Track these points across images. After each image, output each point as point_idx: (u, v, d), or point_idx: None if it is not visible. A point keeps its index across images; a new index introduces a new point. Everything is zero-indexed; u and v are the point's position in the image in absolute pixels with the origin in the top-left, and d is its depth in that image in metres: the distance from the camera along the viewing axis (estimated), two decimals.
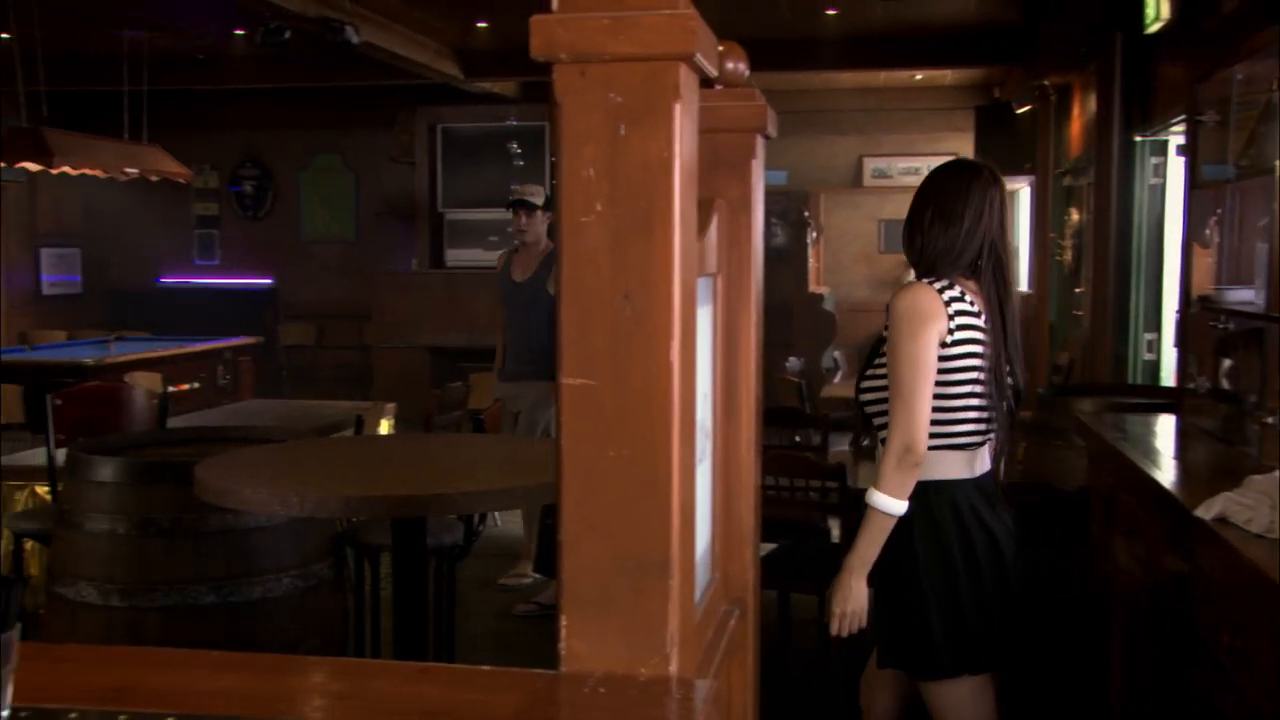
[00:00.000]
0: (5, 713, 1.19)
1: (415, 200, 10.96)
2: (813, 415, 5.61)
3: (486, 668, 1.33)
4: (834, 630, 2.53)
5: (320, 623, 3.27)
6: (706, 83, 1.49)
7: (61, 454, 4.18)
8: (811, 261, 11.01)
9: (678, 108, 1.26)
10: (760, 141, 1.94)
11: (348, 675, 1.35)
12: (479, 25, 8.48)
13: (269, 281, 11.95)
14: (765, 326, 2.00)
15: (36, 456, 5.05)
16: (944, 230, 2.59)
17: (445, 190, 10.78)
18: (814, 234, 11.06)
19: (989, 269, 2.51)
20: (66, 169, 7.61)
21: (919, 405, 2.44)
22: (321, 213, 11.88)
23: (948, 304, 2.49)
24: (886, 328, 2.58)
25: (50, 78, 8.16)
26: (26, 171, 8.01)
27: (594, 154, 1.27)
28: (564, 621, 1.31)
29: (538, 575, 5.28)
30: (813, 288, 10.85)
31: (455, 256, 10.83)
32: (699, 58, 1.27)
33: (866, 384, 2.70)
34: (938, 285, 2.53)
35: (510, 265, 5.60)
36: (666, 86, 1.25)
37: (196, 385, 8.29)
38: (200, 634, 3.04)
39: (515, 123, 10.51)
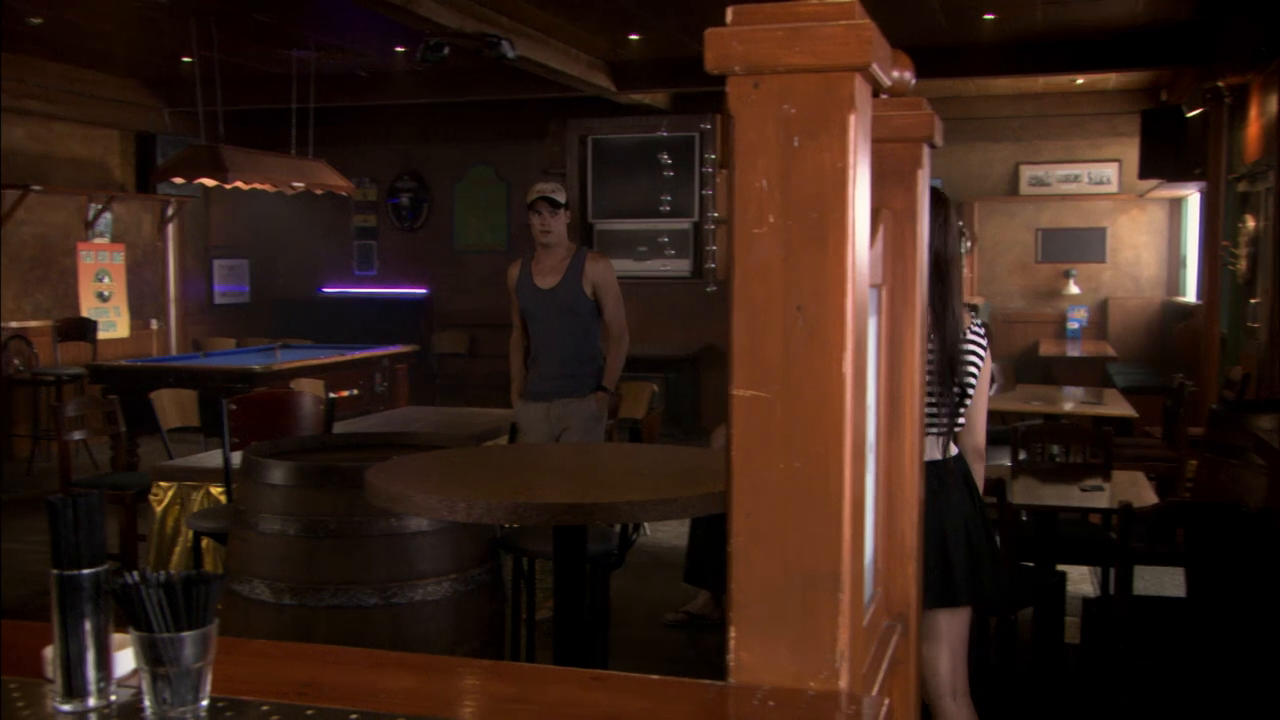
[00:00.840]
0: (205, 701, 1.25)
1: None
2: None
3: (657, 677, 1.34)
4: None
5: (477, 626, 3.33)
6: (873, 91, 1.47)
7: (235, 457, 4.38)
8: (966, 271, 10.78)
9: (852, 119, 1.25)
10: (927, 151, 1.91)
11: (521, 679, 1.38)
12: (631, 38, 8.57)
13: (424, 291, 12.27)
14: None
15: (211, 459, 5.30)
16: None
17: (595, 201, 10.91)
18: (968, 243, 10.83)
19: (934, 279, 2.67)
20: (239, 184, 7.96)
21: (976, 414, 2.91)
22: (475, 223, 12.15)
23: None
24: None
25: (226, 98, 8.56)
26: (203, 187, 8.40)
27: (767, 166, 1.27)
28: (733, 633, 1.31)
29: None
30: (967, 298, 10.62)
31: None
32: (875, 68, 1.26)
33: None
34: None
35: (528, 272, 5.07)
36: (841, 98, 1.24)
37: (355, 392, 8.55)
38: (364, 634, 3.13)
39: (665, 134, 10.58)
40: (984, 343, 2.88)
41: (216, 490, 5.12)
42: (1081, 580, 5.47)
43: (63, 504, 1.27)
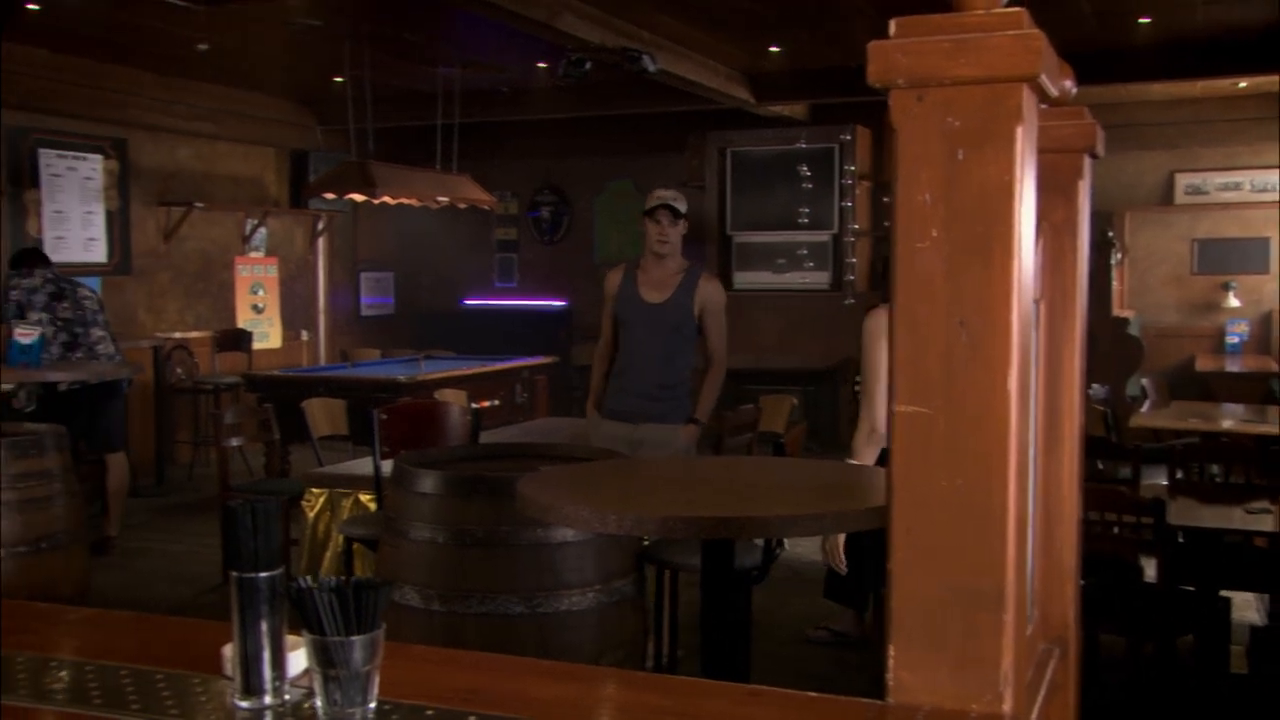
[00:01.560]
0: (373, 704, 1.29)
1: (704, 223, 11.14)
2: (1121, 446, 5.30)
3: (814, 694, 1.33)
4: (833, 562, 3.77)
5: (620, 637, 3.35)
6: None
7: (385, 465, 4.50)
8: (1115, 284, 10.45)
9: (1019, 131, 1.23)
10: (1088, 162, 1.86)
11: (678, 693, 1.38)
12: (771, 50, 8.55)
13: (563, 303, 12.42)
14: None
15: (360, 466, 5.45)
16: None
17: (734, 213, 10.90)
18: (1118, 255, 10.49)
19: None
20: (387, 199, 8.19)
21: (879, 399, 3.68)
22: (614, 236, 12.27)
23: None
24: None
25: (375, 115, 8.83)
26: (352, 202, 8.67)
27: (930, 178, 1.26)
28: (892, 651, 1.29)
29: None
30: (1117, 311, 10.29)
31: (743, 279, 10.92)
32: (1043, 78, 1.24)
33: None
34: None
35: (632, 282, 4.79)
36: (1008, 109, 1.22)
37: (496, 403, 8.70)
38: (510, 642, 3.18)
39: (805, 145, 10.51)
40: None
41: (365, 497, 5.26)
42: (1246, 607, 5.23)
43: (242, 510, 1.33)
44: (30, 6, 7.09)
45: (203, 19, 7.03)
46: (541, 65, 9.04)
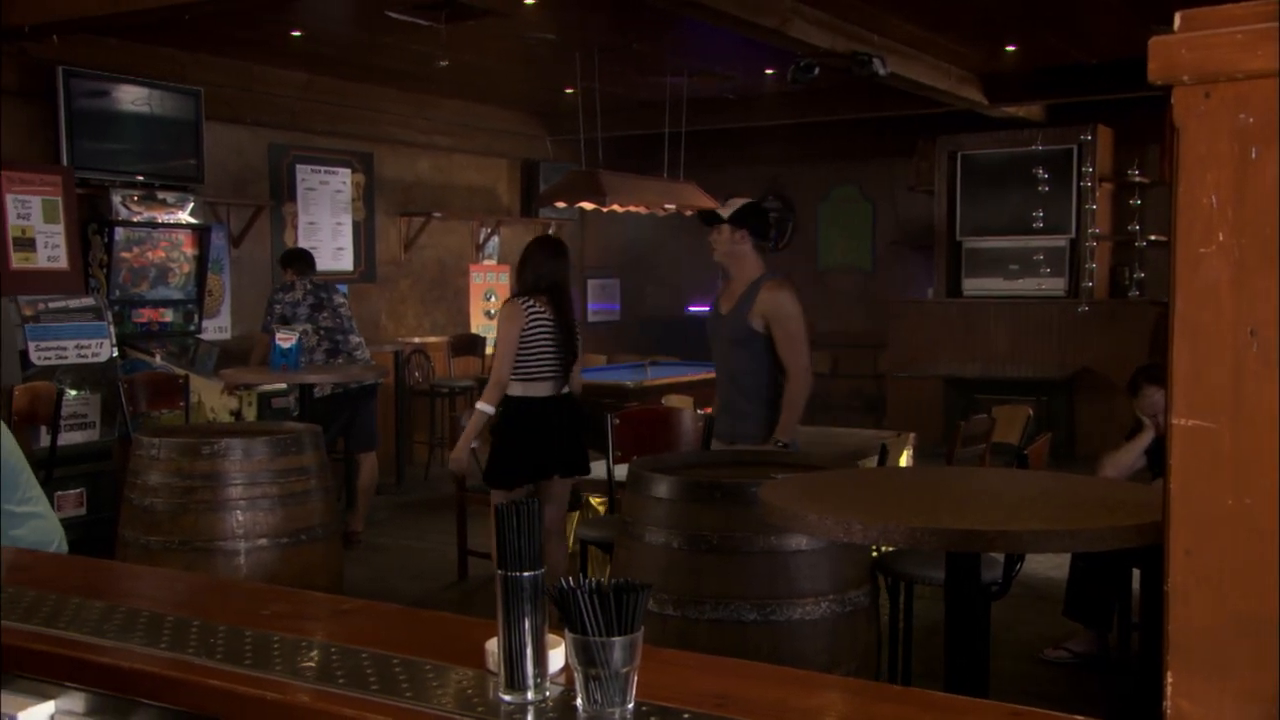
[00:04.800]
0: (631, 704, 1.31)
1: (933, 229, 10.89)
2: None
3: (1079, 718, 1.28)
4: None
5: (854, 649, 3.31)
6: None
7: (618, 469, 4.58)
8: None
9: None
10: None
11: (939, 709, 1.35)
12: (1008, 49, 8.28)
13: None
14: None
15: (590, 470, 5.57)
16: (529, 273, 5.12)
17: (964, 218, 10.60)
18: None
19: (550, 291, 5.01)
20: (616, 207, 8.35)
21: (504, 363, 4.92)
22: (839, 243, 12.13)
23: (526, 309, 4.94)
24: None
25: (603, 125, 9.02)
26: (580, 210, 8.88)
27: (1217, 180, 1.19)
28: (1170, 678, 1.23)
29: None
30: None
31: (974, 285, 10.61)
32: None
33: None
34: (521, 301, 4.98)
35: (718, 295, 4.69)
36: None
37: None
38: (742, 648, 3.17)
39: (1040, 147, 10.13)
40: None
41: (596, 500, 5.38)
42: None
43: (507, 511, 1.38)
44: (294, 33, 7.57)
45: (444, 36, 7.35)
46: (769, 72, 9.03)
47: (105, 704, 1.51)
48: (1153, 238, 10.25)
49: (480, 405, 4.97)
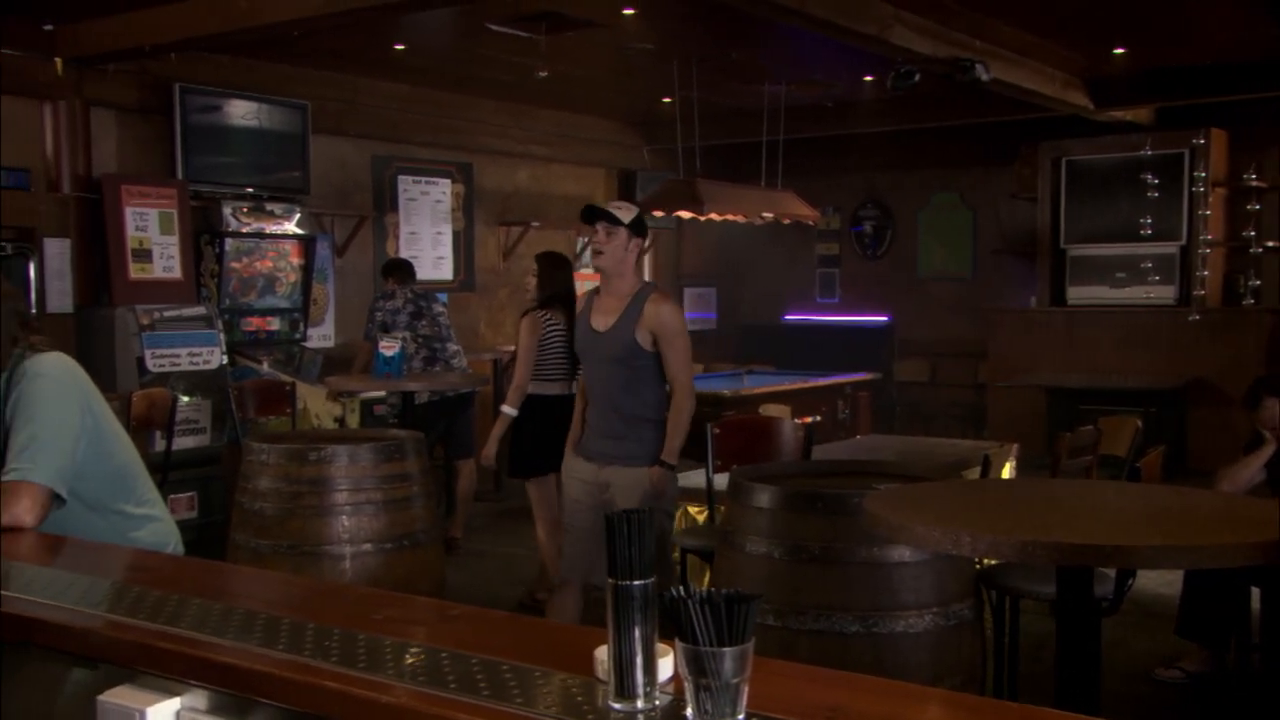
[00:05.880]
0: (742, 715, 1.30)
1: (1035, 236, 10.68)
2: None
3: None
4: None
5: (958, 663, 3.25)
6: None
7: (719, 478, 4.57)
8: None
9: None
10: None
11: None
12: (1115, 52, 8.10)
13: (885, 319, 12.24)
14: None
15: (686, 479, 5.57)
16: (545, 288, 5.62)
17: (1068, 225, 10.38)
18: None
19: (562, 302, 5.48)
20: (713, 215, 8.34)
21: (525, 369, 5.44)
22: (938, 250, 11.97)
23: (544, 321, 5.52)
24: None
25: (700, 133, 9.03)
26: (677, 218, 8.89)
27: None
28: None
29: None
30: None
31: (1078, 294, 10.38)
32: None
33: None
34: (540, 313, 5.53)
35: (590, 308, 4.21)
36: None
37: (818, 418, 8.65)
38: (844, 660, 3.14)
39: (1149, 152, 9.87)
40: None
41: (694, 509, 5.37)
42: None
43: (619, 520, 1.38)
44: (396, 47, 7.72)
45: (543, 47, 7.43)
46: (868, 78, 8.95)
47: (226, 702, 1.55)
48: (1270, 244, 9.92)
49: (505, 408, 5.44)
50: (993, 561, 3.66)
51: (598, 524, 3.82)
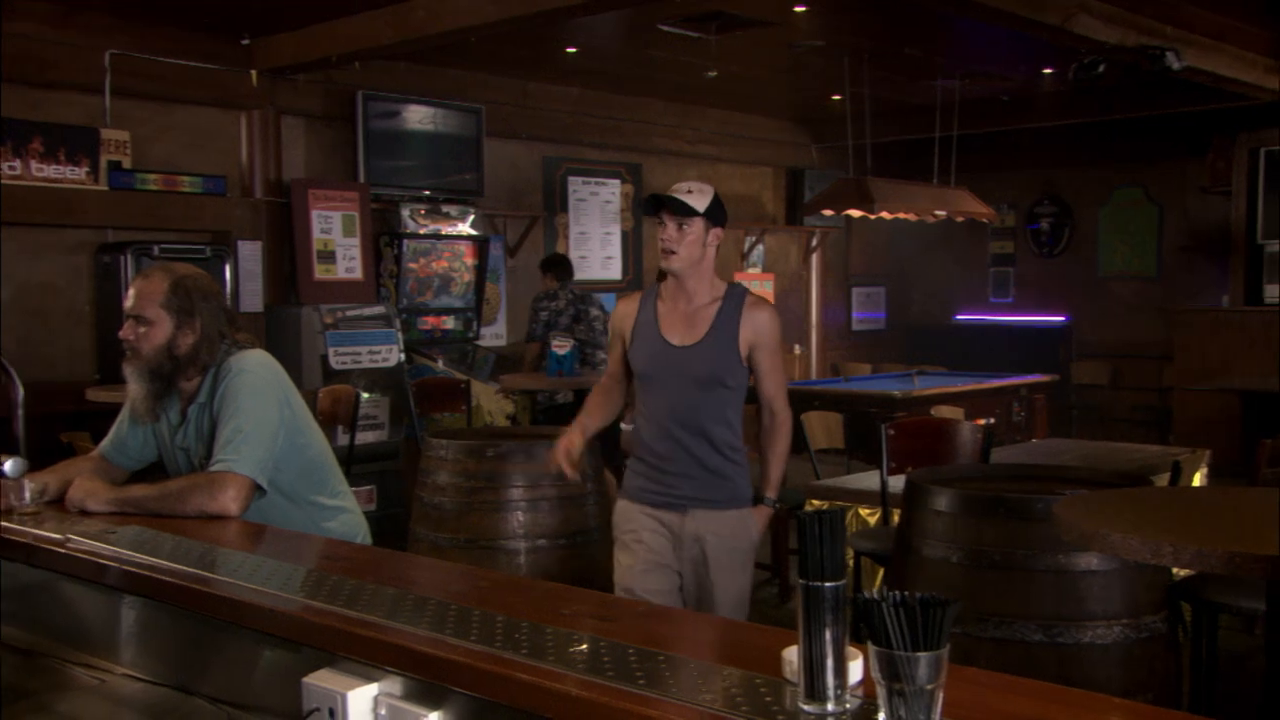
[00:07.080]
0: None
1: (1228, 232, 10.16)
2: None
3: None
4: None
5: (1151, 679, 3.11)
6: None
7: (892, 480, 4.49)
8: None
9: None
10: None
11: None
12: None
13: (1063, 319, 11.83)
14: None
15: (857, 480, 5.49)
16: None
17: (1266, 220, 9.84)
18: None
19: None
20: (884, 214, 8.20)
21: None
22: (1121, 248, 11.51)
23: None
24: None
25: (871, 131, 8.89)
26: (846, 217, 8.78)
27: None
28: None
29: None
30: None
31: (1275, 293, 9.84)
32: None
33: None
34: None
35: (653, 316, 3.39)
36: None
37: (992, 420, 8.41)
38: (1026, 671, 3.01)
39: None
40: None
41: (865, 511, 5.29)
42: None
43: (811, 520, 1.37)
44: (568, 50, 7.83)
45: (713, 47, 7.43)
46: (1046, 71, 8.67)
47: (420, 689, 1.60)
48: None
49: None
50: (1186, 572, 3.50)
51: (674, 586, 3.33)
